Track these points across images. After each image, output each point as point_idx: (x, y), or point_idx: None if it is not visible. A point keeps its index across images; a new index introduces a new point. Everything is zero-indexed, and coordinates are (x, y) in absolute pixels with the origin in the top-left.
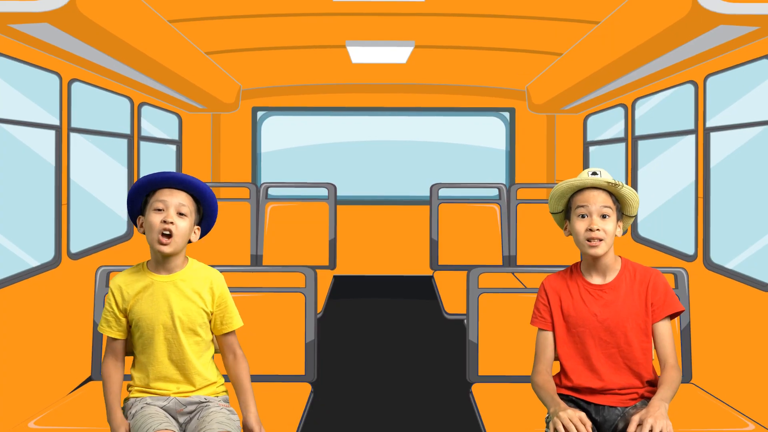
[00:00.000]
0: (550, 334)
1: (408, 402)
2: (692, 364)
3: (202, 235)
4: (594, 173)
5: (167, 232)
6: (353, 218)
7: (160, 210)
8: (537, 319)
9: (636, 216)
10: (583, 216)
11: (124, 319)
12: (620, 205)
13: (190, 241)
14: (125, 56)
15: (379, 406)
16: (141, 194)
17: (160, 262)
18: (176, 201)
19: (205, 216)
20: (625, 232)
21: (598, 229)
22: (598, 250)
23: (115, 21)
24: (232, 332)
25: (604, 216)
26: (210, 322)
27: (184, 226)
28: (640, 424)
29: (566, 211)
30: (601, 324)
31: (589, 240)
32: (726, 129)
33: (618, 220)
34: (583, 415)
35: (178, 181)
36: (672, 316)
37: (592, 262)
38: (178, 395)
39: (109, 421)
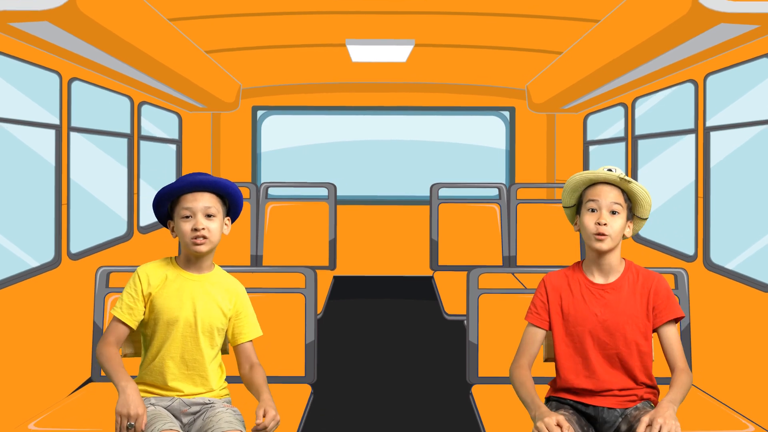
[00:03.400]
0: (540, 332)
1: (408, 403)
2: (692, 365)
3: (232, 221)
4: (609, 170)
5: (201, 237)
6: (353, 218)
7: (187, 217)
8: (532, 315)
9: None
10: (593, 210)
11: (141, 308)
12: (632, 204)
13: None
14: (125, 55)
15: (379, 408)
16: (164, 202)
17: (192, 261)
18: (201, 205)
19: (232, 206)
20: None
21: (605, 224)
22: (603, 245)
23: (115, 19)
24: (249, 342)
25: (613, 212)
26: (227, 330)
27: (215, 227)
28: (649, 425)
29: (578, 207)
30: (601, 324)
31: (596, 234)
32: (726, 128)
33: (628, 219)
34: (561, 418)
35: (198, 185)
36: (674, 322)
37: (596, 260)
38: (184, 396)
39: (121, 385)
